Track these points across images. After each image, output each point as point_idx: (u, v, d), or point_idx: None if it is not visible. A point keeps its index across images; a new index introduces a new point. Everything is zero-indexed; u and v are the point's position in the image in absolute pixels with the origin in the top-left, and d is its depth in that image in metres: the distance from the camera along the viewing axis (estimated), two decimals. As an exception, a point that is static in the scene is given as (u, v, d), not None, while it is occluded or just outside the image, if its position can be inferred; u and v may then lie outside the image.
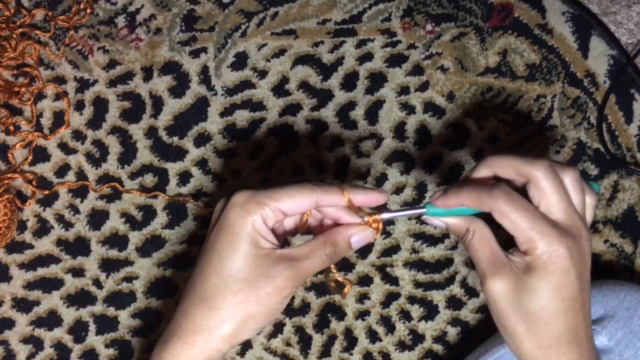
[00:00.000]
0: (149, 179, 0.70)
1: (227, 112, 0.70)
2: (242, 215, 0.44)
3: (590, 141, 0.71)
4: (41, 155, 0.70)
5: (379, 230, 0.48)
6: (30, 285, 0.69)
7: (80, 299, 0.69)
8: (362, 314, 0.70)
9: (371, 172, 0.70)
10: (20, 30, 0.70)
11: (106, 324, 0.70)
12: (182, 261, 0.70)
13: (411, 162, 0.70)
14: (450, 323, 0.70)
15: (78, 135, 0.70)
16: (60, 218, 0.70)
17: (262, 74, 0.71)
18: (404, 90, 0.71)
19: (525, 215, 0.42)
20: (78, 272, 0.69)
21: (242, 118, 0.70)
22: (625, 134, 0.71)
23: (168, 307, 0.70)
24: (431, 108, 0.71)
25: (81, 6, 0.70)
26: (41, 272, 0.69)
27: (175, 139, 0.70)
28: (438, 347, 0.70)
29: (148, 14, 0.71)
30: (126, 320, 0.70)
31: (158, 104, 0.70)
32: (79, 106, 0.70)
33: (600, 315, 0.60)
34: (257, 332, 0.46)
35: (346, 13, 0.71)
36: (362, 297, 0.70)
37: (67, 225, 0.70)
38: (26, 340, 0.69)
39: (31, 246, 0.69)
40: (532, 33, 0.71)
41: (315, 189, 0.45)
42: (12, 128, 0.70)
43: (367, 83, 0.71)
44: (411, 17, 0.71)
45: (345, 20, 0.71)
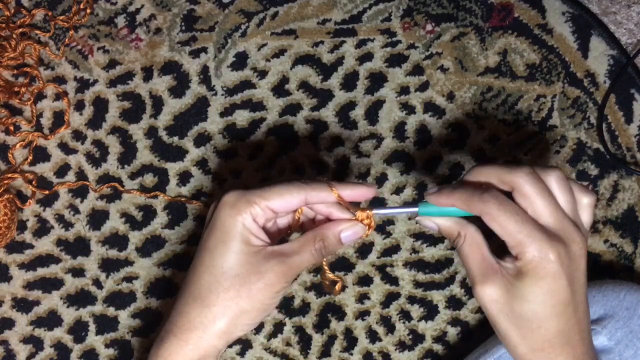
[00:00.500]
0: (149, 179, 0.70)
1: (227, 112, 0.70)
2: (232, 214, 0.45)
3: (590, 141, 0.71)
4: (41, 155, 0.70)
5: (371, 226, 0.48)
6: (30, 285, 0.69)
7: (80, 299, 0.69)
8: (362, 314, 0.70)
9: (371, 172, 0.70)
10: (20, 30, 0.70)
11: (106, 324, 0.70)
12: (182, 261, 0.70)
13: (411, 162, 0.70)
14: (450, 323, 0.70)
15: (78, 135, 0.70)
16: (60, 218, 0.70)
17: (262, 74, 0.71)
18: (404, 90, 0.71)
19: (514, 219, 0.42)
20: (78, 272, 0.69)
21: (242, 118, 0.70)
22: (625, 134, 0.71)
23: (168, 307, 0.70)
24: (431, 108, 0.71)
25: (81, 6, 0.70)
26: (41, 272, 0.69)
27: (175, 139, 0.70)
28: (438, 347, 0.70)
29: (148, 14, 0.71)
30: (126, 320, 0.70)
31: (158, 104, 0.70)
32: (79, 106, 0.70)
33: (600, 315, 0.60)
34: (251, 328, 0.47)
35: (346, 13, 0.71)
36: (362, 297, 0.70)
37: (67, 225, 0.70)
38: (26, 340, 0.69)
39: (31, 246, 0.69)
40: (532, 33, 0.71)
41: (304, 187, 0.46)
42: (12, 128, 0.70)
43: (367, 83, 0.71)
44: (411, 17, 0.71)
45: (345, 20, 0.71)
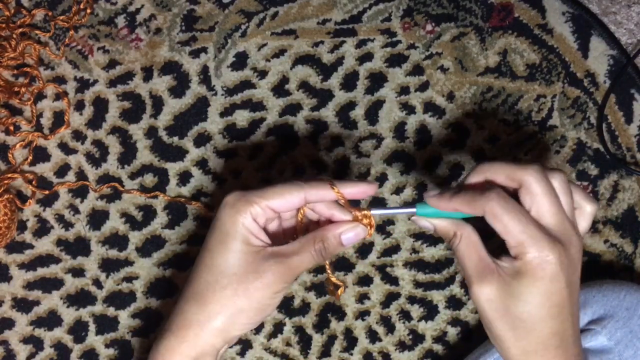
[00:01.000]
0: (149, 179, 0.70)
1: (227, 112, 0.70)
2: (232, 214, 0.46)
3: (590, 141, 0.71)
4: (41, 155, 0.70)
5: (372, 226, 0.48)
6: (30, 285, 0.69)
7: (80, 299, 0.69)
8: (362, 314, 0.70)
9: (371, 172, 0.70)
10: (20, 30, 0.70)
11: (106, 324, 0.70)
12: (182, 261, 0.70)
13: (411, 162, 0.70)
14: (450, 323, 0.70)
15: (78, 135, 0.70)
16: (60, 218, 0.70)
17: (262, 74, 0.71)
18: (404, 90, 0.71)
19: (517, 219, 0.42)
20: (78, 272, 0.69)
21: (242, 118, 0.70)
22: (625, 134, 0.71)
23: (168, 307, 0.70)
24: (431, 108, 0.71)
25: (81, 6, 0.70)
26: (41, 272, 0.69)
27: (175, 139, 0.70)
28: (438, 347, 0.70)
29: (148, 14, 0.71)
30: (126, 320, 0.70)
31: (158, 104, 0.70)
32: (79, 106, 0.70)
33: (600, 315, 0.60)
34: (249, 329, 0.47)
35: (346, 13, 0.71)
36: (362, 297, 0.70)
37: (67, 225, 0.70)
38: (26, 340, 0.69)
39: (31, 246, 0.69)
40: (532, 33, 0.71)
41: (303, 185, 0.46)
42: (12, 128, 0.70)
43: (367, 83, 0.71)
44: (411, 17, 0.71)
45: (345, 20, 0.71)
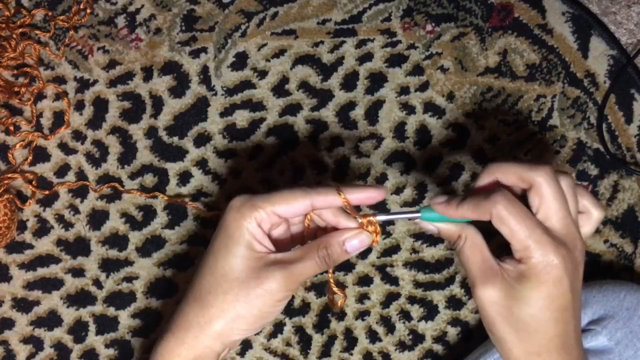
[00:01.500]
0: (149, 179, 0.70)
1: (227, 112, 0.70)
2: (237, 218, 0.45)
3: (590, 141, 0.71)
4: (41, 155, 0.70)
5: (377, 233, 0.48)
6: (30, 285, 0.69)
7: (80, 299, 0.69)
8: (362, 314, 0.70)
9: (371, 172, 0.70)
10: (20, 30, 0.70)
11: (106, 324, 0.70)
12: (182, 261, 0.70)
13: (411, 162, 0.70)
14: (450, 323, 0.70)
15: (78, 135, 0.70)
16: (60, 218, 0.70)
17: (262, 74, 0.71)
18: (404, 90, 0.71)
19: (524, 223, 0.42)
20: (78, 272, 0.69)
21: (242, 118, 0.70)
22: (625, 134, 0.71)
23: (168, 307, 0.70)
24: (431, 108, 0.71)
25: (81, 6, 0.70)
26: (41, 272, 0.69)
27: (175, 139, 0.70)
28: (438, 347, 0.70)
29: (148, 14, 0.71)
30: (126, 320, 0.70)
31: (158, 104, 0.70)
32: (79, 106, 0.70)
33: (600, 315, 0.60)
34: (249, 334, 0.47)
35: (346, 13, 0.71)
36: (362, 297, 0.70)
37: (67, 225, 0.70)
38: (26, 340, 0.69)
39: (31, 246, 0.69)
40: (532, 33, 0.71)
41: (310, 191, 0.46)
42: (12, 128, 0.70)
43: (367, 83, 0.71)
44: (411, 17, 0.71)
45: (345, 20, 0.71)
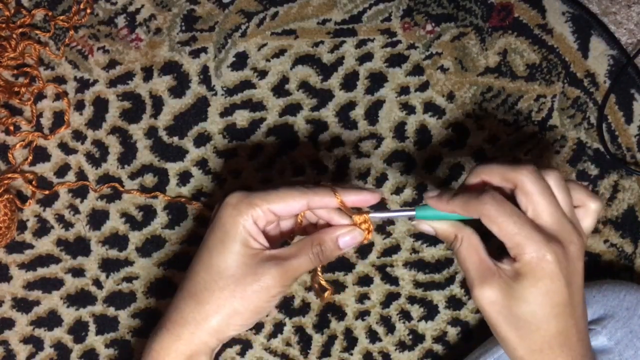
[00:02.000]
0: (149, 179, 0.70)
1: (227, 112, 0.70)
2: (233, 214, 0.46)
3: (590, 141, 0.71)
4: (41, 155, 0.70)
5: (370, 230, 0.48)
6: (30, 285, 0.69)
7: (80, 299, 0.69)
8: (362, 314, 0.70)
9: (371, 172, 0.70)
10: (20, 30, 0.70)
11: (106, 324, 0.70)
12: (182, 261, 0.70)
13: (411, 162, 0.70)
14: (450, 323, 0.70)
15: (78, 135, 0.70)
16: (60, 218, 0.70)
17: (262, 74, 0.71)
18: (404, 90, 0.71)
19: (512, 220, 0.42)
20: (78, 272, 0.69)
21: (242, 118, 0.70)
22: (625, 134, 0.71)
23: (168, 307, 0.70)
24: (431, 108, 0.71)
25: (81, 6, 0.70)
26: (41, 272, 0.69)
27: (175, 139, 0.70)
28: (438, 347, 0.70)
29: (148, 14, 0.71)
30: (126, 320, 0.70)
31: (158, 104, 0.70)
32: (79, 106, 0.70)
33: (600, 315, 0.60)
34: (244, 329, 0.47)
35: (346, 13, 0.71)
36: (362, 297, 0.70)
37: (67, 225, 0.70)
38: (26, 340, 0.69)
39: (31, 246, 0.69)
40: (532, 33, 0.71)
41: (307, 191, 0.46)
42: (12, 128, 0.70)
43: (367, 83, 0.71)
44: (411, 17, 0.71)
45: (345, 20, 0.71)
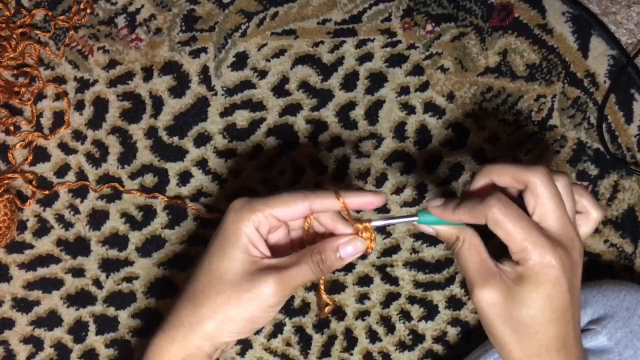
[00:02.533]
0: (149, 179, 0.70)
1: (227, 112, 0.70)
2: (235, 220, 0.46)
3: (590, 141, 0.71)
4: (41, 155, 0.70)
5: (372, 239, 0.48)
6: (30, 285, 0.69)
7: (80, 299, 0.69)
8: (362, 314, 0.70)
9: (371, 172, 0.70)
10: (20, 30, 0.70)
11: (106, 324, 0.70)
12: (182, 261, 0.70)
13: (411, 162, 0.70)
14: (450, 323, 0.70)
15: (78, 135, 0.70)
16: (60, 218, 0.70)
17: (262, 74, 0.71)
18: (404, 90, 0.71)
19: (519, 225, 0.42)
20: (78, 272, 0.69)
21: (242, 118, 0.70)
22: (625, 134, 0.71)
23: (168, 307, 0.69)
24: (431, 108, 0.71)
25: (81, 6, 0.70)
26: (41, 272, 0.69)
27: (175, 139, 0.70)
28: (438, 347, 0.70)
29: (148, 14, 0.71)
30: (126, 320, 0.70)
31: (158, 104, 0.70)
32: (79, 106, 0.70)
33: (600, 315, 0.60)
34: (240, 337, 0.47)
35: (346, 13, 0.71)
36: (362, 297, 0.70)
37: (67, 225, 0.70)
38: (26, 340, 0.69)
39: (31, 246, 0.69)
40: (532, 33, 0.71)
41: (309, 195, 0.46)
42: (12, 128, 0.70)
43: (367, 83, 0.71)
44: (411, 17, 0.71)
45: (345, 20, 0.71)
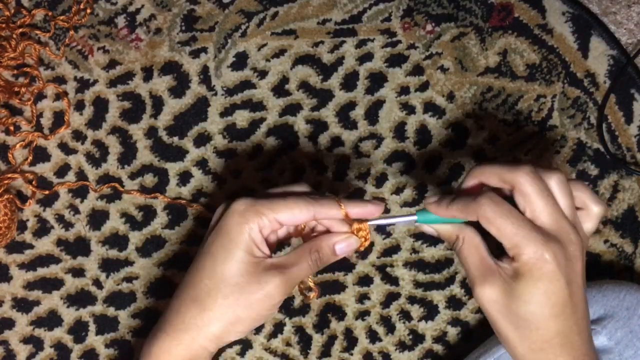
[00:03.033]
0: (149, 179, 0.70)
1: (227, 112, 0.70)
2: (240, 222, 0.46)
3: (590, 141, 0.71)
4: (41, 155, 0.70)
5: (367, 239, 0.50)
6: (30, 285, 0.69)
7: (80, 299, 0.69)
8: (362, 314, 0.70)
9: (371, 172, 0.70)
10: (20, 30, 0.70)
11: (106, 324, 0.70)
12: (182, 261, 0.70)
13: (411, 162, 0.70)
14: (450, 323, 0.70)
15: (78, 135, 0.70)
16: (60, 218, 0.70)
17: (262, 74, 0.71)
18: (404, 90, 0.71)
19: (510, 221, 0.42)
20: (78, 272, 0.69)
21: (242, 118, 0.70)
22: (625, 134, 0.71)
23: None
24: (431, 108, 0.71)
25: (81, 6, 0.70)
26: (41, 272, 0.69)
27: (175, 139, 0.70)
28: (438, 347, 0.70)
29: (148, 14, 0.71)
30: (126, 320, 0.70)
31: (158, 104, 0.70)
32: (79, 106, 0.70)
33: (600, 315, 0.60)
34: (243, 335, 0.48)
35: (346, 13, 0.71)
36: (362, 297, 0.70)
37: (67, 225, 0.70)
38: (26, 340, 0.69)
39: (31, 246, 0.69)
40: (532, 33, 0.71)
41: (313, 203, 0.47)
42: (12, 128, 0.70)
43: (367, 83, 0.71)
44: (411, 17, 0.71)
45: (345, 20, 0.71)
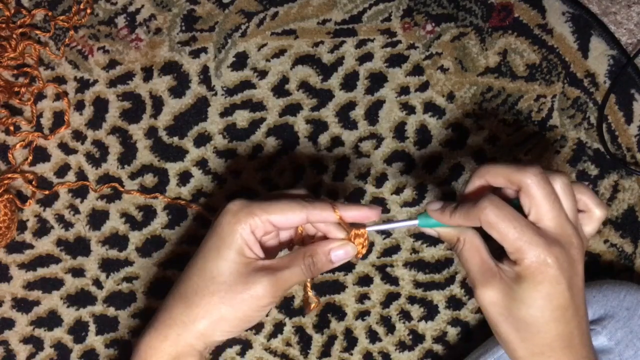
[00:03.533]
0: (149, 179, 0.70)
1: (227, 112, 0.70)
2: (232, 222, 0.46)
3: (590, 141, 0.71)
4: (41, 155, 0.70)
5: (365, 246, 0.49)
6: (30, 285, 0.69)
7: (80, 299, 0.69)
8: (362, 314, 0.70)
9: (371, 172, 0.70)
10: (20, 30, 0.70)
11: (106, 324, 0.70)
12: (182, 261, 0.70)
13: (411, 162, 0.70)
14: (450, 323, 0.70)
15: (78, 135, 0.70)
16: (60, 218, 0.70)
17: (262, 74, 0.71)
18: (404, 90, 0.71)
19: (512, 225, 0.42)
20: (78, 272, 0.69)
21: (242, 118, 0.70)
22: (625, 134, 0.71)
23: (168, 307, 0.70)
24: (431, 108, 0.71)
25: (81, 6, 0.70)
26: (41, 272, 0.69)
27: (175, 139, 0.70)
28: (438, 347, 0.70)
29: (148, 14, 0.71)
30: (126, 320, 0.70)
31: (158, 104, 0.70)
32: (79, 106, 0.70)
33: (600, 315, 0.60)
34: (232, 336, 0.48)
35: (346, 13, 0.71)
36: (362, 297, 0.70)
37: (67, 225, 0.70)
38: (26, 340, 0.69)
39: (31, 246, 0.69)
40: (532, 33, 0.71)
41: (307, 205, 0.47)
42: (12, 128, 0.70)
43: (367, 83, 0.71)
44: (411, 17, 0.71)
45: (345, 20, 0.71)
